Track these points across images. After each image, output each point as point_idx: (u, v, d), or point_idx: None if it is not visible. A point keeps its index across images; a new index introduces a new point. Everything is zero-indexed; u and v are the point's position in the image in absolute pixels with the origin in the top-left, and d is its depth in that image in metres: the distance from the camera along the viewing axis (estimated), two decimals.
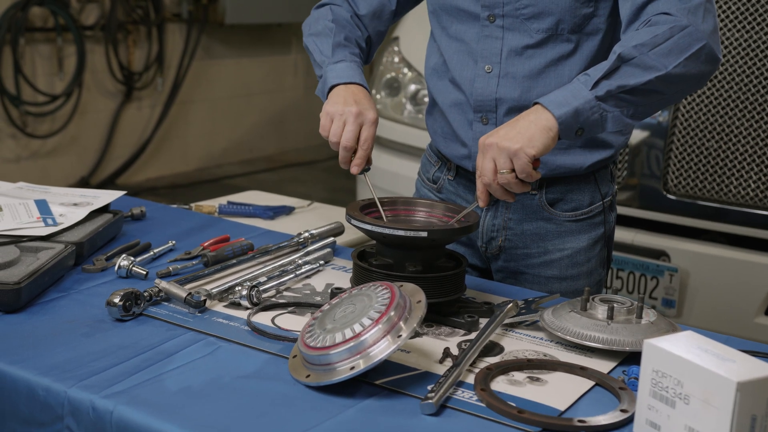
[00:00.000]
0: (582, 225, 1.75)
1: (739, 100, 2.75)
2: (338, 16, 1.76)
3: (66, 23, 5.26)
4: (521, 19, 1.63)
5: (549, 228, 1.74)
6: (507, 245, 1.77)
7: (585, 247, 1.76)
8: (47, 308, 1.49)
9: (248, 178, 6.32)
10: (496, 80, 1.67)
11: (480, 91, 1.69)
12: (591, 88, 1.45)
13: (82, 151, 5.70)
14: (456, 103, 1.74)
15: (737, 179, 2.78)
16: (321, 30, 1.75)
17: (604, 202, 1.75)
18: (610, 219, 1.80)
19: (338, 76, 1.67)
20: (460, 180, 1.81)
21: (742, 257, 2.77)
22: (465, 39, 1.70)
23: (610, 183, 1.78)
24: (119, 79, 5.76)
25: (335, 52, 1.70)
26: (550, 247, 1.75)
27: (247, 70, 6.74)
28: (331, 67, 1.69)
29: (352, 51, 1.73)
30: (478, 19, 1.67)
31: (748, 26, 2.73)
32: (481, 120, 1.70)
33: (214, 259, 1.70)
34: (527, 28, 1.63)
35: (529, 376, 1.30)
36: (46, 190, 2.00)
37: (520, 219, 1.75)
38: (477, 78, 1.69)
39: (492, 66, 1.67)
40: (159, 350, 1.34)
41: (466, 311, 1.50)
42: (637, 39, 1.47)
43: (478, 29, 1.67)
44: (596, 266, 1.80)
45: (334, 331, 1.25)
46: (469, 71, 1.70)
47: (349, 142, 1.60)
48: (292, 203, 2.61)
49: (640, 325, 1.39)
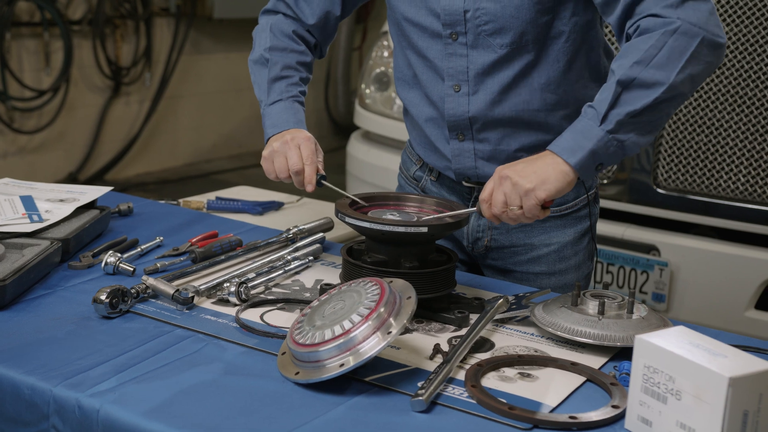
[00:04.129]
0: (567, 219, 1.74)
1: (729, 94, 2.75)
2: (276, 37, 1.77)
3: (53, 18, 5.22)
4: (484, 36, 1.59)
5: (534, 224, 1.73)
6: (493, 245, 1.76)
7: (571, 240, 1.75)
8: (33, 306, 1.47)
9: (238, 173, 6.29)
10: (467, 98, 1.64)
11: (452, 111, 1.66)
12: (600, 123, 1.43)
13: (69, 146, 5.66)
14: (430, 119, 1.72)
15: (727, 173, 2.78)
16: (258, 58, 1.77)
17: (589, 195, 1.75)
18: (595, 211, 1.80)
19: (273, 124, 1.70)
20: (443, 181, 1.79)
21: (732, 251, 2.78)
22: (428, 56, 1.66)
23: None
24: (107, 74, 5.72)
25: (271, 91, 1.73)
26: (537, 242, 1.74)
27: (236, 64, 6.71)
28: (267, 111, 1.72)
29: (290, 82, 1.75)
30: (441, 36, 1.63)
31: (738, 20, 2.72)
32: (457, 137, 1.68)
33: (202, 256, 1.69)
34: (490, 44, 1.59)
35: (520, 372, 1.29)
36: (31, 186, 1.98)
37: None
38: (447, 97, 1.66)
39: (460, 84, 1.64)
40: (146, 348, 1.32)
41: (457, 307, 1.49)
42: (631, 56, 1.41)
43: (441, 47, 1.64)
44: (584, 259, 1.79)
45: (324, 328, 1.24)
46: (438, 89, 1.67)
47: (297, 166, 1.62)
48: (281, 199, 2.60)
49: (631, 320, 1.38)
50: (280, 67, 1.75)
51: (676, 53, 1.40)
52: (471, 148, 1.68)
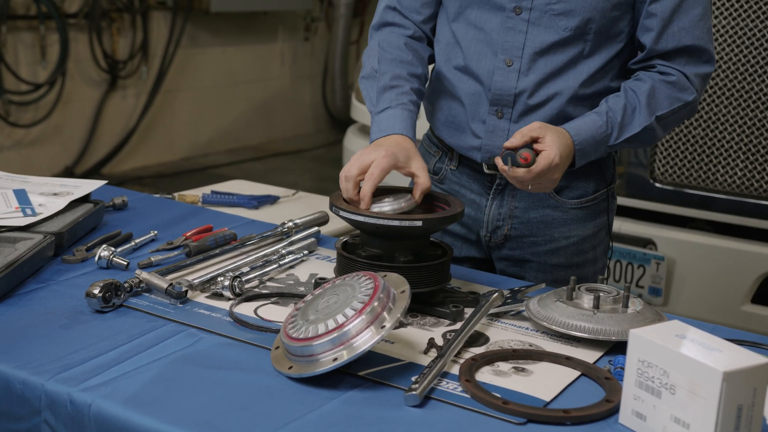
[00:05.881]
0: (587, 212, 1.74)
1: (726, 88, 2.74)
2: (385, 50, 1.69)
3: (49, 11, 5.20)
4: (550, 15, 1.59)
5: (555, 215, 1.72)
6: (513, 233, 1.74)
7: (590, 234, 1.75)
8: (25, 300, 1.46)
9: (235, 168, 6.29)
10: (516, 75, 1.63)
11: (499, 85, 1.64)
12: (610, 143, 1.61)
13: (66, 140, 5.65)
14: (470, 93, 1.69)
15: (724, 167, 2.78)
16: (369, 73, 1.70)
17: (609, 189, 1.75)
18: (613, 207, 1.80)
19: (379, 129, 1.60)
20: (463, 169, 1.76)
21: (728, 245, 2.78)
22: (485, 28, 1.64)
23: (613, 170, 1.77)
24: (103, 67, 5.71)
25: (380, 100, 1.64)
26: (557, 234, 1.73)
27: (233, 58, 6.70)
28: (376, 119, 1.63)
29: (400, 91, 1.64)
30: (503, 9, 1.62)
31: (734, 14, 2.72)
32: (496, 113, 1.66)
33: (197, 249, 1.68)
34: (554, 24, 1.60)
35: (515, 367, 1.29)
36: (25, 180, 1.97)
37: (526, 207, 1.72)
38: (497, 71, 1.64)
39: (513, 60, 1.63)
40: (139, 342, 1.32)
41: (451, 301, 1.49)
42: (661, 106, 1.61)
43: (501, 20, 1.63)
44: (601, 254, 1.80)
45: (317, 322, 1.24)
46: (487, 62, 1.65)
47: (350, 172, 1.48)
48: (276, 192, 2.59)
49: (626, 314, 1.38)
50: (389, 77, 1.65)
51: (678, 119, 1.67)
52: (506, 128, 1.66)
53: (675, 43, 1.61)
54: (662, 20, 1.59)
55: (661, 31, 1.60)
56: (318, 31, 7.37)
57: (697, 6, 1.60)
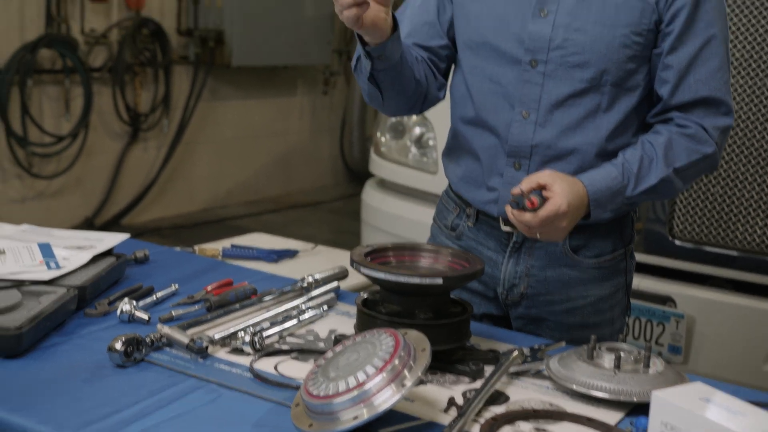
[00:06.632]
0: (605, 272, 1.73)
1: (744, 146, 2.75)
2: None
3: (74, 65, 5.30)
4: (565, 67, 1.61)
5: (572, 275, 1.71)
6: (529, 292, 1.73)
7: (608, 294, 1.74)
8: (48, 353, 1.47)
9: (253, 219, 6.32)
10: (533, 127, 1.64)
11: (516, 137, 1.65)
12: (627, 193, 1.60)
13: (87, 191, 5.72)
14: (487, 147, 1.70)
15: (743, 225, 2.77)
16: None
17: (627, 249, 1.74)
18: (631, 266, 1.78)
19: None
20: (481, 226, 1.76)
21: (748, 304, 2.75)
22: (502, 82, 1.66)
23: (631, 229, 1.76)
24: (125, 120, 5.79)
25: None
26: (574, 294, 1.72)
27: (253, 111, 6.78)
28: None
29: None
30: (519, 63, 1.63)
31: (757, 69, 2.74)
32: (513, 165, 1.67)
33: (217, 304, 1.69)
34: (570, 76, 1.61)
35: (536, 428, 1.28)
36: (50, 233, 1.99)
37: (543, 266, 1.71)
38: (514, 123, 1.65)
39: (530, 112, 1.64)
40: (160, 398, 1.32)
41: (471, 359, 1.48)
42: (679, 158, 1.60)
43: (517, 73, 1.64)
44: (619, 314, 1.78)
45: (338, 380, 1.24)
46: (504, 115, 1.66)
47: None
48: (296, 246, 2.61)
49: (648, 374, 1.37)
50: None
51: (697, 172, 1.66)
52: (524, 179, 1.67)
53: (692, 95, 1.61)
54: (678, 72, 1.60)
55: (678, 82, 1.61)
56: (337, 84, 7.46)
57: (714, 58, 1.61)
